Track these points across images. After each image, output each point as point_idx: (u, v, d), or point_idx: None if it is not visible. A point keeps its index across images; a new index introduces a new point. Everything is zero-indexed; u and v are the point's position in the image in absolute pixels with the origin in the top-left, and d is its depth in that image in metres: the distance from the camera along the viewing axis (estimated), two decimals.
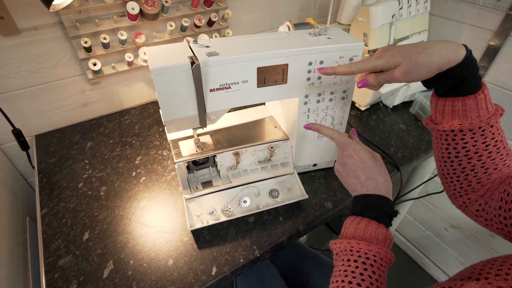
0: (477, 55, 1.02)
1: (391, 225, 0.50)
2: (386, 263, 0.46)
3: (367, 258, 0.45)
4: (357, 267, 0.44)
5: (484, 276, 0.38)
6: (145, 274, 0.60)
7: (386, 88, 0.98)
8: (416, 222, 1.57)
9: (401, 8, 0.91)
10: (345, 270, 0.45)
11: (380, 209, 0.49)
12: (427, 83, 0.50)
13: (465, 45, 0.46)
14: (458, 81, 0.47)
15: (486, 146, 0.49)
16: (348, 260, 0.46)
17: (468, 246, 1.36)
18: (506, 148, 0.50)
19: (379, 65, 0.48)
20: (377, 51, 0.50)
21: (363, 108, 1.05)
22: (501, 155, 0.50)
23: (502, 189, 0.47)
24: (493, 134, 0.49)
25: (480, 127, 0.48)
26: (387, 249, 0.47)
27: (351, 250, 0.46)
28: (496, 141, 0.49)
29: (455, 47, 0.46)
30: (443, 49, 0.45)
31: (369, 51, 0.93)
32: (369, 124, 0.99)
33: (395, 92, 1.01)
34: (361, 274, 0.44)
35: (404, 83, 1.00)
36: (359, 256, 0.45)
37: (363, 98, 1.02)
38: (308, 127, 0.61)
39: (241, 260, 0.63)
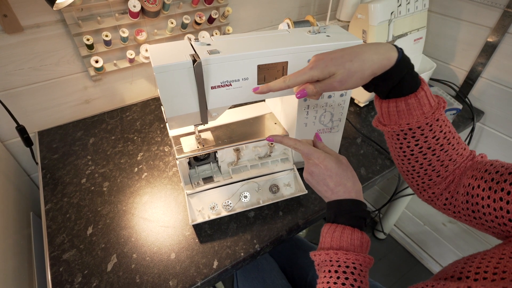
0: (475, 51, 1.03)
1: (366, 226, 0.51)
2: (366, 267, 0.47)
3: (347, 267, 0.46)
4: (338, 277, 0.45)
5: (465, 275, 0.39)
6: (148, 267, 0.62)
7: None
8: (414, 217, 1.59)
9: (400, 5, 0.91)
10: (328, 282, 0.46)
11: (352, 214, 0.50)
12: (367, 87, 0.50)
13: (396, 46, 0.46)
14: (396, 83, 0.47)
15: (437, 140, 0.50)
16: (329, 271, 0.47)
17: (465, 240, 1.38)
18: (455, 137, 0.51)
19: (313, 76, 0.47)
20: (311, 60, 0.48)
21: (362, 105, 1.06)
22: (452, 145, 0.51)
23: (466, 183, 0.48)
24: (440, 127, 0.49)
25: (427, 123, 0.48)
26: (365, 254, 0.48)
27: (330, 261, 0.47)
28: (444, 133, 0.50)
29: (386, 50, 0.45)
30: (374, 54, 0.45)
31: None
32: (367, 120, 1.00)
33: None
34: (343, 284, 0.45)
35: None
36: (339, 266, 0.46)
37: (362, 94, 1.03)
38: (270, 139, 0.59)
39: (242, 254, 0.64)
